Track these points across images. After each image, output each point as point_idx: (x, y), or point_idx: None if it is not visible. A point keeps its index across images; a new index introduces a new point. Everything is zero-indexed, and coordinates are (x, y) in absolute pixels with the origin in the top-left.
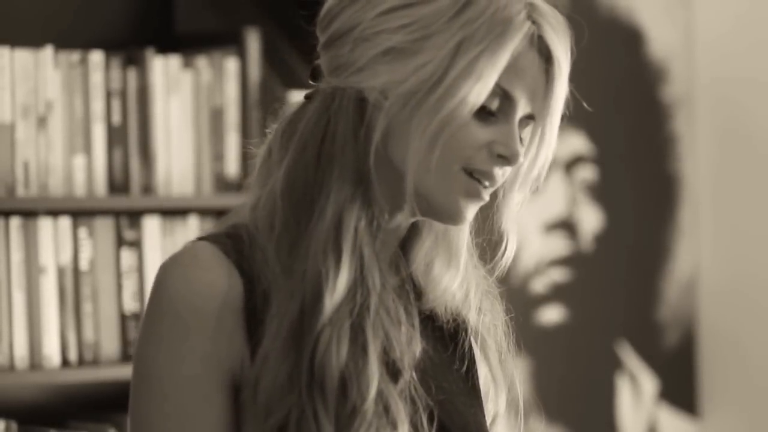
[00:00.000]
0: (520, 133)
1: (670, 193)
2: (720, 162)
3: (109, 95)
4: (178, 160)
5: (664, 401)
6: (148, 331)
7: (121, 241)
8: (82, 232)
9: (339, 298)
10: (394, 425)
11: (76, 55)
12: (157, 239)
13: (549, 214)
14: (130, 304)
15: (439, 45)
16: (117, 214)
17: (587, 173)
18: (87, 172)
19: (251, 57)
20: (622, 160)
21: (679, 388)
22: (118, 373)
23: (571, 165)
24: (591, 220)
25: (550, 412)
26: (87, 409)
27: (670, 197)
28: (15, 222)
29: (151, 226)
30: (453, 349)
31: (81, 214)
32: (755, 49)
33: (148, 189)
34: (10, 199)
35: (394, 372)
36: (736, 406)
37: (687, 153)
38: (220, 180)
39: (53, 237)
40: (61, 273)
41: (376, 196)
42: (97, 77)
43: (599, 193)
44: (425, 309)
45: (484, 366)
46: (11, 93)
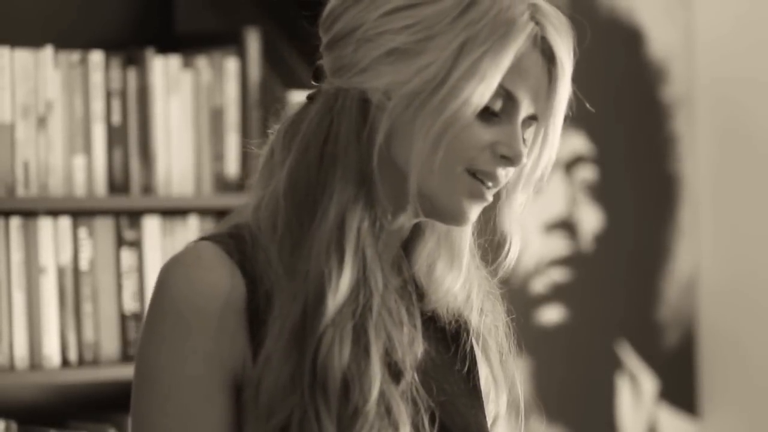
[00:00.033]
0: (523, 133)
1: (670, 193)
2: (720, 162)
3: (109, 95)
4: (178, 160)
5: (664, 401)
6: (151, 330)
7: (121, 241)
8: (82, 232)
9: (342, 299)
10: (395, 426)
11: (76, 55)
12: (157, 239)
13: (549, 214)
14: (130, 304)
15: (442, 46)
16: (117, 214)
17: (587, 173)
18: (87, 172)
19: (251, 57)
20: (622, 160)
21: (679, 388)
22: (118, 373)
23: (571, 165)
24: (591, 220)
25: (550, 412)
26: (87, 409)
27: (670, 197)
28: (15, 222)
29: (151, 226)
30: (454, 350)
31: (81, 214)
32: (755, 49)
33: (148, 189)
34: (10, 199)
35: (396, 373)
36: (736, 406)
37: (687, 153)
38: (220, 180)
39: (53, 237)
40: (61, 273)
41: (379, 197)
42: (97, 77)
43: (599, 193)
44: (427, 310)
45: (485, 367)
46: (11, 93)
